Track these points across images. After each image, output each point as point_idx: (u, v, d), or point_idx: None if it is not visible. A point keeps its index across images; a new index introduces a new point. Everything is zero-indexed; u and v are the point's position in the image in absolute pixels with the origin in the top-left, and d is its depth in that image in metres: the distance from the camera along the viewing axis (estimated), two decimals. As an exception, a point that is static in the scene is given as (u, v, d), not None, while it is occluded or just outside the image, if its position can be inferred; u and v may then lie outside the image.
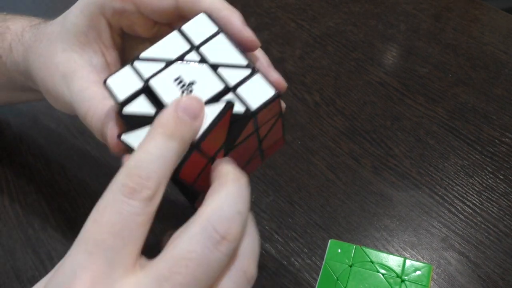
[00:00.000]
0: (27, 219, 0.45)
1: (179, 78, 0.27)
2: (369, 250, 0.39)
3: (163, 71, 0.28)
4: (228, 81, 0.27)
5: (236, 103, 0.27)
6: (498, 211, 0.45)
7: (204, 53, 0.28)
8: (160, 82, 0.27)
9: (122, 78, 0.28)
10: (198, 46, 0.28)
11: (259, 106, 0.27)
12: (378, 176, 0.48)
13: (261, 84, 0.27)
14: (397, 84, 0.57)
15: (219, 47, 0.28)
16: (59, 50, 0.35)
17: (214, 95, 0.27)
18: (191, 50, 0.28)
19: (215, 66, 0.28)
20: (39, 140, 0.51)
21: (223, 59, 0.28)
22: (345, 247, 0.40)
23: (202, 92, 0.27)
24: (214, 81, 0.27)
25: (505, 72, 0.58)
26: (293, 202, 0.46)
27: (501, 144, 0.50)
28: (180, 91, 0.27)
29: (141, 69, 0.28)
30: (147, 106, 0.27)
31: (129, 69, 0.28)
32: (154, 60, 0.28)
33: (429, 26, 0.64)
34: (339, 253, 0.39)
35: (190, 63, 0.28)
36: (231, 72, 0.27)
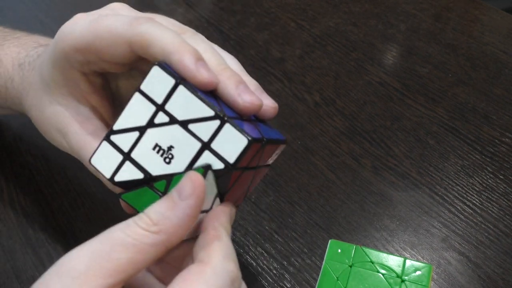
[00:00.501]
0: (27, 219, 0.45)
1: (157, 145, 0.28)
2: (369, 250, 0.39)
3: (139, 141, 0.28)
4: (201, 137, 0.27)
5: (215, 161, 0.27)
6: (498, 211, 0.45)
7: (170, 112, 0.28)
8: (140, 153, 0.28)
9: (103, 154, 0.29)
10: (162, 105, 0.28)
11: (236, 159, 0.27)
12: (378, 176, 0.48)
13: (232, 134, 0.27)
14: (397, 84, 0.57)
15: (182, 101, 0.27)
16: (46, 104, 0.35)
17: (193, 156, 0.27)
18: (157, 112, 0.28)
19: (185, 123, 0.27)
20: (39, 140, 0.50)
21: (190, 114, 0.27)
22: (345, 247, 0.40)
23: (182, 156, 0.27)
24: (189, 141, 0.27)
25: (505, 72, 0.58)
26: (293, 202, 0.46)
27: (501, 144, 0.50)
28: (161, 158, 0.28)
29: (118, 142, 0.29)
30: (134, 172, 0.28)
31: (107, 144, 0.29)
32: (127, 130, 0.29)
33: (429, 26, 0.64)
34: (339, 253, 0.39)
35: (161, 126, 0.28)
36: (201, 126, 0.27)
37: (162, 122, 0.28)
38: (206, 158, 0.27)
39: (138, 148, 0.28)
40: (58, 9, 0.68)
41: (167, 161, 0.28)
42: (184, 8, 0.66)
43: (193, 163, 0.27)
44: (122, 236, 0.24)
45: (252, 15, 0.66)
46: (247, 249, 0.43)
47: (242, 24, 0.64)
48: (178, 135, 0.28)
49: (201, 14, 0.67)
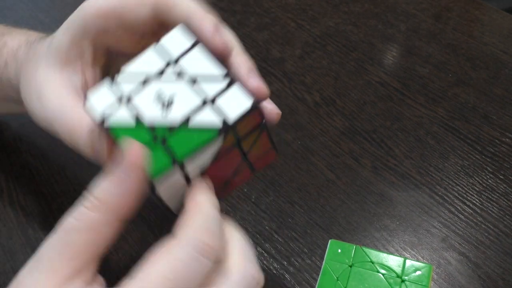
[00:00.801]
0: (27, 219, 0.45)
1: (159, 96, 0.27)
2: (369, 250, 0.39)
3: (143, 88, 0.28)
4: (206, 94, 0.27)
5: (214, 116, 0.27)
6: (498, 211, 0.45)
7: (182, 67, 0.28)
8: (140, 100, 0.28)
9: (103, 95, 0.28)
10: (176, 60, 0.28)
11: (236, 118, 0.26)
12: (378, 176, 0.48)
13: (238, 95, 0.27)
14: (397, 84, 0.57)
15: (196, 60, 0.28)
16: (40, 69, 0.35)
17: (192, 109, 0.27)
18: (169, 65, 0.28)
19: (193, 79, 0.28)
20: (39, 140, 0.51)
21: (201, 72, 0.28)
22: (345, 247, 0.40)
23: (181, 109, 0.27)
24: (192, 95, 0.27)
25: (505, 72, 0.58)
26: (293, 202, 0.46)
27: (501, 144, 0.50)
28: (160, 110, 0.27)
29: (122, 86, 0.28)
30: (127, 118, 0.27)
31: (109, 86, 0.28)
32: (133, 76, 0.28)
33: (429, 26, 0.64)
34: (339, 253, 0.39)
35: (168, 78, 0.28)
36: (209, 85, 0.27)
37: (171, 76, 0.28)
38: (205, 115, 0.27)
39: (139, 96, 0.28)
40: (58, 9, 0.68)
41: (164, 114, 0.27)
42: (184, 8, 0.66)
43: (190, 118, 0.27)
44: (72, 220, 0.25)
45: (252, 15, 0.66)
46: (247, 249, 0.43)
47: (242, 24, 0.64)
48: (182, 89, 0.27)
49: (201, 14, 0.66)
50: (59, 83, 0.34)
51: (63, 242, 0.25)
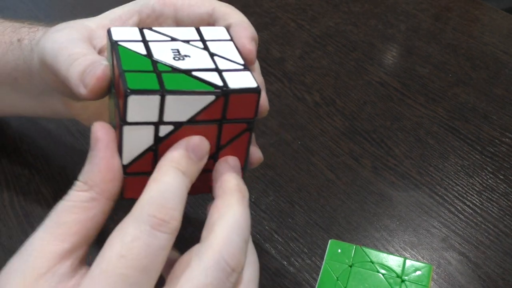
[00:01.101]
0: (27, 219, 0.45)
1: (177, 50, 0.29)
2: (369, 250, 0.39)
3: (164, 41, 0.29)
4: (219, 66, 0.28)
5: (216, 79, 0.27)
6: (498, 211, 0.45)
7: (208, 45, 0.30)
8: (158, 45, 0.29)
9: (126, 32, 0.29)
10: (206, 40, 0.30)
11: (236, 88, 0.27)
12: (378, 176, 0.48)
13: (247, 77, 0.28)
14: (397, 84, 0.57)
15: (224, 48, 0.30)
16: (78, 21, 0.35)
17: (202, 68, 0.28)
18: (198, 40, 0.30)
19: (213, 54, 0.29)
20: (39, 140, 0.51)
21: (223, 54, 0.29)
22: (345, 247, 0.40)
23: (191, 64, 0.28)
24: (207, 61, 0.28)
25: (505, 72, 0.58)
26: (293, 202, 0.46)
27: (501, 144, 0.50)
28: (172, 56, 0.28)
29: (147, 34, 0.30)
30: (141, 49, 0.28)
31: (135, 29, 0.30)
32: (161, 33, 0.30)
33: (429, 26, 0.64)
34: (339, 253, 0.39)
35: (192, 45, 0.30)
36: (225, 62, 0.29)
37: (196, 46, 0.30)
38: (209, 75, 0.27)
39: (159, 43, 0.29)
40: (58, 9, 0.68)
41: (175, 59, 0.28)
42: (184, 8, 0.66)
43: (197, 71, 0.27)
44: (64, 202, 0.26)
45: (252, 15, 0.66)
46: (247, 249, 0.43)
47: (242, 24, 0.64)
48: (201, 55, 0.29)
49: (201, 14, 0.66)
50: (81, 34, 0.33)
51: (54, 223, 0.26)
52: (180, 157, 0.27)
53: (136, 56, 0.28)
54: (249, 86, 0.27)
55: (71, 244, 0.25)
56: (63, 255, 0.25)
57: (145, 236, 0.24)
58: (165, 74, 0.27)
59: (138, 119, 0.26)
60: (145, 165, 0.28)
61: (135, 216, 0.25)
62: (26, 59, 0.38)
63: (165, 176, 0.26)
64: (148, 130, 0.27)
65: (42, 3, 0.69)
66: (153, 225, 0.24)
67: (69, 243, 0.25)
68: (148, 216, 0.24)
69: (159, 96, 0.25)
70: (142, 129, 0.26)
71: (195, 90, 0.26)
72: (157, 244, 0.24)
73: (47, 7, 0.68)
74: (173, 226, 0.25)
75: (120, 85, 0.26)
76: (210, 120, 0.27)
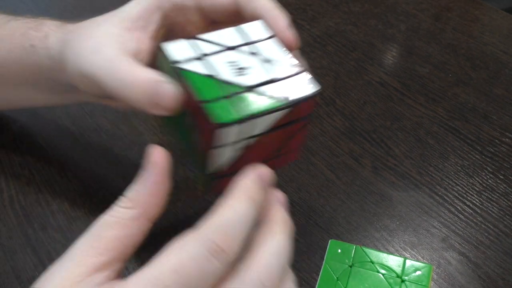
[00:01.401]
0: (27, 219, 0.45)
1: (233, 62, 0.30)
2: (369, 250, 0.39)
3: (219, 53, 0.30)
4: (276, 73, 0.30)
5: (281, 91, 0.29)
6: (498, 211, 0.45)
7: (257, 48, 0.31)
8: (215, 59, 0.30)
9: (179, 47, 0.30)
10: (251, 42, 0.31)
11: (302, 97, 0.29)
12: (378, 176, 0.48)
13: (306, 80, 0.30)
14: (397, 84, 0.57)
15: (271, 47, 0.31)
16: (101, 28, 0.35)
17: (264, 82, 0.29)
18: (244, 45, 0.31)
19: (266, 60, 0.30)
20: (39, 140, 0.51)
21: (273, 56, 0.31)
22: (345, 247, 0.40)
23: (252, 77, 0.29)
24: (264, 71, 0.30)
25: (505, 72, 0.58)
26: (293, 202, 0.46)
27: (501, 144, 0.50)
28: (232, 72, 0.29)
29: (199, 46, 0.30)
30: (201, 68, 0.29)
31: (188, 41, 0.30)
32: (210, 42, 0.31)
33: (429, 26, 0.64)
34: (339, 253, 0.39)
35: (242, 52, 0.31)
36: (279, 67, 0.30)
37: (246, 52, 0.31)
38: (274, 88, 0.29)
39: (215, 56, 0.30)
40: (58, 9, 0.68)
41: (237, 74, 0.29)
42: (184, 8, 0.66)
43: (259, 86, 0.29)
44: (107, 217, 0.27)
45: (252, 15, 0.66)
46: (247, 249, 0.43)
47: (242, 24, 0.64)
48: (256, 64, 0.30)
49: (201, 14, 0.66)
50: (116, 43, 0.34)
51: (95, 236, 0.27)
52: (252, 185, 0.28)
53: (203, 80, 0.29)
54: (312, 91, 0.30)
55: (108, 258, 0.26)
56: (100, 267, 0.26)
57: (202, 259, 0.24)
58: (236, 97, 0.28)
59: (221, 143, 0.28)
60: (226, 170, 0.30)
61: (198, 235, 0.25)
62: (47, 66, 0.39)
63: (237, 203, 0.27)
64: (229, 147, 0.29)
65: (42, 3, 0.69)
66: (211, 251, 0.25)
67: (106, 256, 0.26)
68: (210, 240, 0.25)
69: (239, 124, 0.28)
70: (224, 148, 0.29)
71: (268, 110, 0.28)
72: (210, 271, 0.25)
73: (47, 7, 0.68)
74: (229, 258, 0.25)
75: (201, 114, 0.28)
76: (280, 126, 0.30)
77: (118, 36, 0.35)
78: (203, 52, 0.30)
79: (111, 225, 0.27)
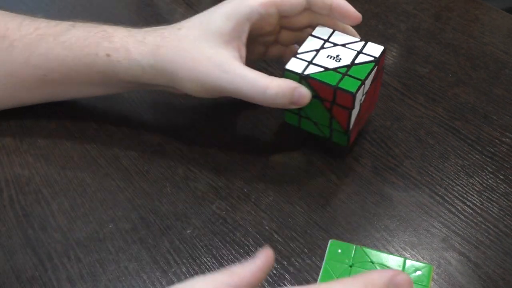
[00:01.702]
0: (27, 219, 0.45)
1: (329, 55, 0.44)
2: (369, 250, 0.39)
3: (316, 55, 0.45)
4: (355, 50, 0.45)
5: (367, 57, 0.44)
6: (498, 211, 0.45)
7: (333, 41, 0.46)
8: (318, 60, 0.44)
9: (293, 63, 0.44)
10: (327, 40, 0.46)
11: (379, 54, 0.45)
12: (378, 176, 0.48)
13: (373, 45, 0.45)
14: (397, 84, 0.57)
15: (339, 37, 0.46)
16: (207, 47, 0.43)
17: (353, 57, 0.44)
18: (325, 42, 0.46)
19: (343, 45, 0.45)
20: (39, 140, 0.51)
21: (345, 41, 0.46)
22: (345, 247, 0.40)
23: (346, 58, 0.44)
24: (347, 52, 0.45)
25: (505, 72, 0.58)
26: (293, 202, 0.46)
27: (501, 144, 0.50)
28: (333, 60, 0.44)
29: (302, 57, 0.44)
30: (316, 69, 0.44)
31: (294, 59, 0.44)
32: (307, 52, 0.45)
33: (429, 26, 0.64)
34: (339, 253, 0.39)
35: (328, 48, 0.45)
36: (353, 45, 0.45)
37: (330, 46, 0.46)
38: (362, 57, 0.44)
39: (316, 58, 0.44)
40: (58, 9, 0.68)
41: (337, 61, 0.44)
42: (184, 8, 0.66)
43: (354, 61, 0.44)
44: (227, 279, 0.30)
45: (252, 15, 0.66)
46: (247, 249, 0.43)
47: (242, 24, 0.64)
48: (340, 50, 0.45)
49: (201, 14, 0.66)
50: (231, 57, 0.43)
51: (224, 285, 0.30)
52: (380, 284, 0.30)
53: (323, 74, 0.43)
54: (382, 48, 0.45)
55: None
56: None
57: None
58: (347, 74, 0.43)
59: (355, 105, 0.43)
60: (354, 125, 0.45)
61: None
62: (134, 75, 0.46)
63: None
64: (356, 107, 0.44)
65: (42, 3, 0.69)
66: None
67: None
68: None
69: (361, 86, 0.43)
70: (355, 108, 0.44)
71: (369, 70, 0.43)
72: None
73: (47, 7, 0.68)
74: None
75: (338, 93, 0.42)
76: (373, 79, 0.45)
77: (225, 51, 0.43)
78: (309, 60, 0.44)
79: None
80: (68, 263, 0.41)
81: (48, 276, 0.41)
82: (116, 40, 0.45)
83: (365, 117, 0.48)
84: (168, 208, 0.45)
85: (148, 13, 0.66)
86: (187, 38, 0.44)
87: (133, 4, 0.69)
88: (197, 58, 0.43)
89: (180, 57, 0.44)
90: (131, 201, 0.46)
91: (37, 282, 0.40)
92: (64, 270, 0.41)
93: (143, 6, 0.68)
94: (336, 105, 0.43)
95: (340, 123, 0.44)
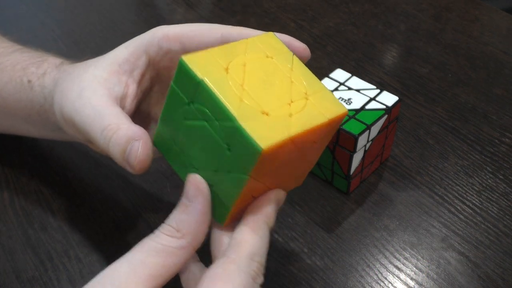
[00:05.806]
0: (27, 219, 0.45)
1: (341, 98, 0.45)
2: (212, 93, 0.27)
3: None
4: (368, 96, 0.45)
5: (379, 104, 0.44)
6: (498, 211, 0.45)
7: (349, 85, 0.46)
8: None
9: None
10: (343, 83, 0.46)
11: (392, 105, 0.44)
12: (378, 176, 0.48)
13: (388, 95, 0.45)
14: (397, 84, 0.57)
15: (354, 82, 0.47)
16: (89, 70, 0.36)
17: (363, 104, 0.44)
18: (340, 85, 0.46)
19: (357, 90, 0.45)
20: (39, 140, 0.51)
21: (360, 87, 0.46)
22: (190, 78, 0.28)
23: (357, 102, 0.44)
24: (360, 97, 0.45)
25: (505, 72, 0.58)
26: (293, 202, 0.46)
27: (501, 144, 0.50)
28: (345, 103, 0.44)
29: None
30: None
31: None
32: None
33: (429, 26, 0.64)
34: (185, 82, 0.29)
35: (342, 91, 0.45)
36: (368, 92, 0.45)
37: (344, 89, 0.45)
38: (374, 104, 0.44)
39: None
40: (58, 9, 0.68)
41: (347, 104, 0.44)
42: (184, 8, 0.66)
43: (364, 106, 0.44)
44: (153, 244, 0.28)
45: (252, 16, 0.66)
46: (247, 249, 0.43)
47: (242, 24, 0.64)
48: (354, 95, 0.45)
49: (201, 14, 0.67)
50: (102, 87, 0.34)
51: (140, 262, 0.27)
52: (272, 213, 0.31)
53: None
54: (396, 99, 0.45)
55: (154, 285, 0.27)
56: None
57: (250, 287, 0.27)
58: (355, 117, 0.43)
59: (357, 149, 0.42)
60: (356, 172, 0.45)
61: (240, 267, 0.27)
62: (40, 104, 0.39)
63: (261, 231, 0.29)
64: (359, 152, 0.43)
65: (42, 3, 0.69)
66: (254, 278, 0.28)
67: (152, 284, 0.27)
68: (252, 270, 0.28)
69: (365, 130, 0.42)
70: (357, 153, 0.43)
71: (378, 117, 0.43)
72: None
73: (47, 7, 0.68)
74: (261, 281, 0.28)
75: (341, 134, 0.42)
76: (383, 129, 0.44)
77: (104, 80, 0.35)
78: None
79: (158, 252, 0.27)
80: (68, 263, 0.41)
81: (48, 276, 0.41)
82: (43, 66, 0.40)
83: (372, 167, 0.47)
84: (168, 208, 0.45)
85: (148, 13, 0.66)
86: (84, 63, 0.38)
87: (133, 4, 0.69)
88: (69, 80, 0.36)
89: (61, 79, 0.37)
90: (131, 201, 0.46)
91: (37, 282, 0.40)
92: (64, 270, 0.41)
93: (143, 6, 0.68)
94: (339, 147, 0.43)
95: (341, 167, 0.44)
